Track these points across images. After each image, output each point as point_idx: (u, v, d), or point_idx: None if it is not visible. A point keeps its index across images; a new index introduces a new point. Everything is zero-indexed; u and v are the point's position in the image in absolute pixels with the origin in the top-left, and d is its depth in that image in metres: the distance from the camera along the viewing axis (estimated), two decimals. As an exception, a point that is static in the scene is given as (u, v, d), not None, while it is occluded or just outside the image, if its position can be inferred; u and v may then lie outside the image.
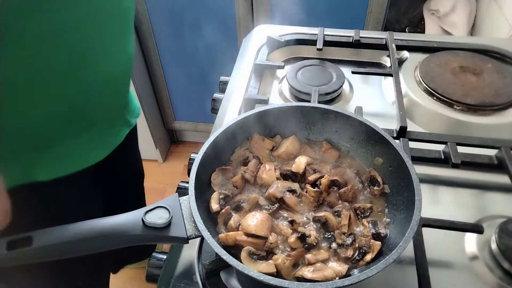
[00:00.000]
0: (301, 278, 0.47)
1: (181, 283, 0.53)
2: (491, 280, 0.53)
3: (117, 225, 0.47)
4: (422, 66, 0.87)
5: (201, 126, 2.02)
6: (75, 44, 0.63)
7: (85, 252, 0.47)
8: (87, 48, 0.65)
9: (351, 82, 0.88)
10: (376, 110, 0.81)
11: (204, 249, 0.56)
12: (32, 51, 0.59)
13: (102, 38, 0.67)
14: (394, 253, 0.44)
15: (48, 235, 0.46)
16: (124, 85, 0.83)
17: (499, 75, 0.84)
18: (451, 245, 0.57)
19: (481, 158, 0.66)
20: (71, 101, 0.69)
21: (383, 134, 0.58)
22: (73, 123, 0.72)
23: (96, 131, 0.78)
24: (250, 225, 0.50)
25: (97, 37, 0.66)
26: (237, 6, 1.51)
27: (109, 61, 0.71)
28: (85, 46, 0.65)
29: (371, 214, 0.55)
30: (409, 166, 0.52)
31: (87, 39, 0.65)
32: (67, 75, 0.65)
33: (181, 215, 0.49)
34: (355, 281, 0.42)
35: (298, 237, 0.50)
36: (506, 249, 0.54)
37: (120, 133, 0.87)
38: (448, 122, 0.76)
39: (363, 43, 0.93)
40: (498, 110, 0.78)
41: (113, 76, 0.74)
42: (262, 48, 0.95)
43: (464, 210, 0.62)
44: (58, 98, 0.66)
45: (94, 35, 0.66)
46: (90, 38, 0.65)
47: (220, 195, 0.55)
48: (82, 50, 0.65)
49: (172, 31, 1.63)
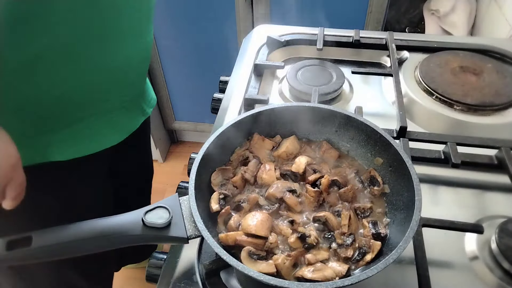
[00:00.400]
0: (301, 278, 0.47)
1: (181, 283, 0.53)
2: (491, 280, 0.53)
3: (117, 225, 0.47)
4: (422, 66, 0.87)
5: (201, 126, 2.02)
6: (99, 26, 0.65)
7: (85, 252, 0.47)
8: (109, 32, 0.67)
9: (351, 82, 0.88)
10: (376, 110, 0.81)
11: (204, 249, 0.56)
12: (56, 31, 0.60)
13: (123, 24, 0.69)
14: (394, 253, 0.44)
15: (47, 235, 0.46)
16: (142, 72, 0.84)
17: (499, 75, 0.84)
18: (451, 245, 0.57)
19: (481, 158, 0.66)
20: (93, 83, 0.70)
21: (383, 134, 0.58)
22: (93, 105, 0.74)
23: (114, 115, 0.79)
24: (250, 225, 0.50)
25: (119, 23, 0.68)
26: (237, 6, 1.51)
27: (130, 47, 0.73)
28: (107, 30, 0.67)
29: (371, 214, 0.55)
30: (409, 166, 0.52)
31: (109, 23, 0.66)
32: (89, 56, 0.67)
33: (181, 215, 0.49)
34: (355, 281, 0.42)
35: (298, 237, 0.50)
36: (506, 249, 0.54)
37: (136, 120, 0.88)
38: (448, 122, 0.76)
39: (363, 43, 0.93)
40: (498, 110, 0.78)
41: (133, 62, 0.76)
42: (262, 48, 0.95)
43: (464, 210, 0.62)
44: (80, 79, 0.68)
45: (116, 20, 0.67)
46: (112, 23, 0.67)
47: (220, 195, 0.55)
48: (105, 33, 0.67)
49: (172, 31, 1.63)
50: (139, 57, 0.78)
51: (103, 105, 0.76)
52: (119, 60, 0.72)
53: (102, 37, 0.67)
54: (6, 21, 0.56)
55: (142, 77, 0.87)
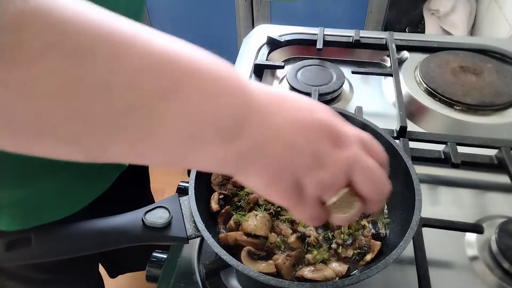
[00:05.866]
0: (301, 278, 0.47)
1: (181, 283, 0.53)
2: (491, 280, 0.53)
3: (117, 225, 0.47)
4: (422, 66, 0.87)
5: (201, 126, 2.01)
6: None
7: (85, 252, 0.47)
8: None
9: (351, 82, 0.88)
10: (376, 110, 0.81)
11: (204, 249, 0.56)
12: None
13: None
14: (394, 253, 0.44)
15: (47, 235, 0.46)
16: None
17: (499, 75, 0.84)
18: (451, 245, 0.57)
19: (481, 158, 0.66)
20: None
21: (383, 134, 0.58)
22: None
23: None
24: (250, 225, 0.50)
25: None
26: (237, 6, 1.51)
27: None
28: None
29: (371, 214, 0.55)
30: (409, 166, 0.52)
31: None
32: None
33: (181, 215, 0.49)
34: (355, 281, 0.42)
35: (298, 237, 0.50)
36: (506, 249, 0.54)
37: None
38: (448, 122, 0.76)
39: (363, 43, 0.93)
40: (498, 110, 0.78)
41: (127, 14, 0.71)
42: (262, 48, 0.94)
43: (464, 210, 0.62)
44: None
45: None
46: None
47: (220, 195, 0.55)
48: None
49: (172, 31, 1.63)
50: (134, 9, 0.70)
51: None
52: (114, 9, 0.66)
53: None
54: None
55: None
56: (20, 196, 0.62)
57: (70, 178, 0.67)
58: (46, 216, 0.66)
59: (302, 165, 0.32)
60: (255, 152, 0.31)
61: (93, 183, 0.72)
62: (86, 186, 0.71)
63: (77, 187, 0.69)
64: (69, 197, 0.68)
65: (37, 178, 0.62)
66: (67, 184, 0.67)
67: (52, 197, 0.66)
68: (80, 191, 0.70)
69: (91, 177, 0.71)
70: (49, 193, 0.65)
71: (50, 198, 0.66)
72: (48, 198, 0.66)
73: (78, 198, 0.70)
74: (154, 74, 0.27)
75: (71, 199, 0.69)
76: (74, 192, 0.69)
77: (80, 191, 0.70)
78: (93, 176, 0.71)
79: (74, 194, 0.69)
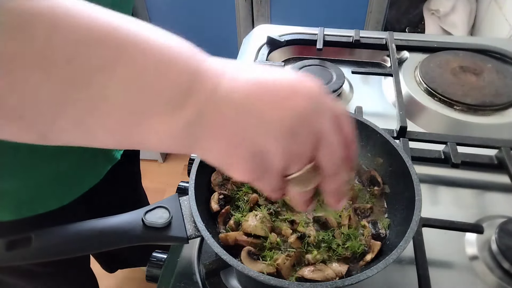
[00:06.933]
0: (301, 278, 0.47)
1: (181, 283, 0.53)
2: (491, 280, 0.53)
3: (117, 225, 0.47)
4: (422, 66, 0.87)
5: (201, 126, 2.01)
6: None
7: (85, 252, 0.47)
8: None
9: (351, 82, 0.88)
10: (376, 110, 0.81)
11: (204, 249, 0.56)
12: None
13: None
14: (394, 253, 0.44)
15: (47, 235, 0.46)
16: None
17: (499, 75, 0.84)
18: (451, 245, 0.57)
19: (481, 158, 0.66)
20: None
21: (383, 134, 0.58)
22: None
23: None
24: (250, 225, 0.50)
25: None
26: (237, 6, 1.51)
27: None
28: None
29: (371, 214, 0.55)
30: (409, 166, 0.52)
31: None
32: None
33: (181, 215, 0.49)
34: (355, 281, 0.42)
35: (298, 237, 0.50)
36: (506, 249, 0.54)
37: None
38: (448, 122, 0.76)
39: (363, 43, 0.93)
40: (498, 110, 0.78)
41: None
42: (262, 48, 0.94)
43: (464, 210, 0.62)
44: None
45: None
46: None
47: (220, 195, 0.55)
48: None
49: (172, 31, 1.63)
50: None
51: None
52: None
53: None
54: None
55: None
56: (12, 187, 0.62)
57: (61, 169, 0.66)
58: (39, 207, 0.66)
59: (265, 132, 0.29)
60: (204, 118, 0.29)
61: (85, 175, 0.72)
62: (77, 178, 0.70)
63: (68, 178, 0.69)
64: (60, 188, 0.68)
65: (29, 168, 0.62)
66: (58, 175, 0.66)
67: (43, 187, 0.66)
68: (71, 182, 0.70)
69: (82, 169, 0.71)
70: (40, 184, 0.65)
71: (42, 189, 0.66)
72: (39, 189, 0.65)
73: (69, 189, 0.70)
74: (95, 45, 0.26)
75: (63, 190, 0.69)
76: (66, 183, 0.69)
77: (71, 183, 0.70)
78: (85, 168, 0.71)
79: (66, 185, 0.69)
